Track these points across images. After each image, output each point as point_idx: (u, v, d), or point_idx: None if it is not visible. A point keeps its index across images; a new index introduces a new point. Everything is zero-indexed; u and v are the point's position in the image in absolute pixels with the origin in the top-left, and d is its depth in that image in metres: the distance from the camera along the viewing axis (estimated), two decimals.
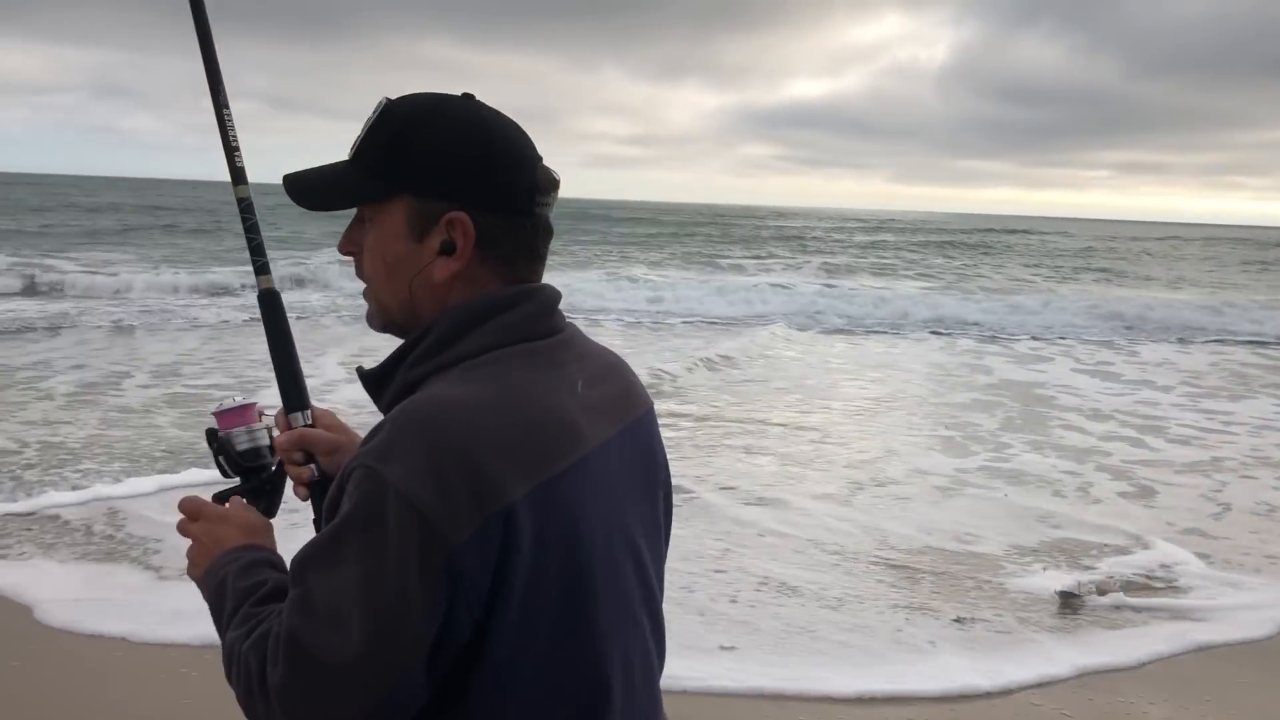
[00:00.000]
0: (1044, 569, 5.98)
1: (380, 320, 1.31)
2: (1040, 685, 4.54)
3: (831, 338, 17.22)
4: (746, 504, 7.04)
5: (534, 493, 1.12)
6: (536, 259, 1.28)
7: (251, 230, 1.49)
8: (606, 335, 16.13)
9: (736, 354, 13.93)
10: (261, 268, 1.49)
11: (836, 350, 15.70)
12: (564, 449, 1.17)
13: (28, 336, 13.25)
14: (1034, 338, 17.92)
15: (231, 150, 1.49)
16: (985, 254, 46.65)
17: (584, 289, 21.00)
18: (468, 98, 1.27)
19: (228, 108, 1.48)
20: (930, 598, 5.51)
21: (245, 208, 1.49)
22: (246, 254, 1.49)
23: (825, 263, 35.20)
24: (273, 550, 1.37)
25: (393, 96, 1.28)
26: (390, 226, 1.25)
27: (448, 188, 1.21)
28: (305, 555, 1.13)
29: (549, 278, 1.32)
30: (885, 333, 18.10)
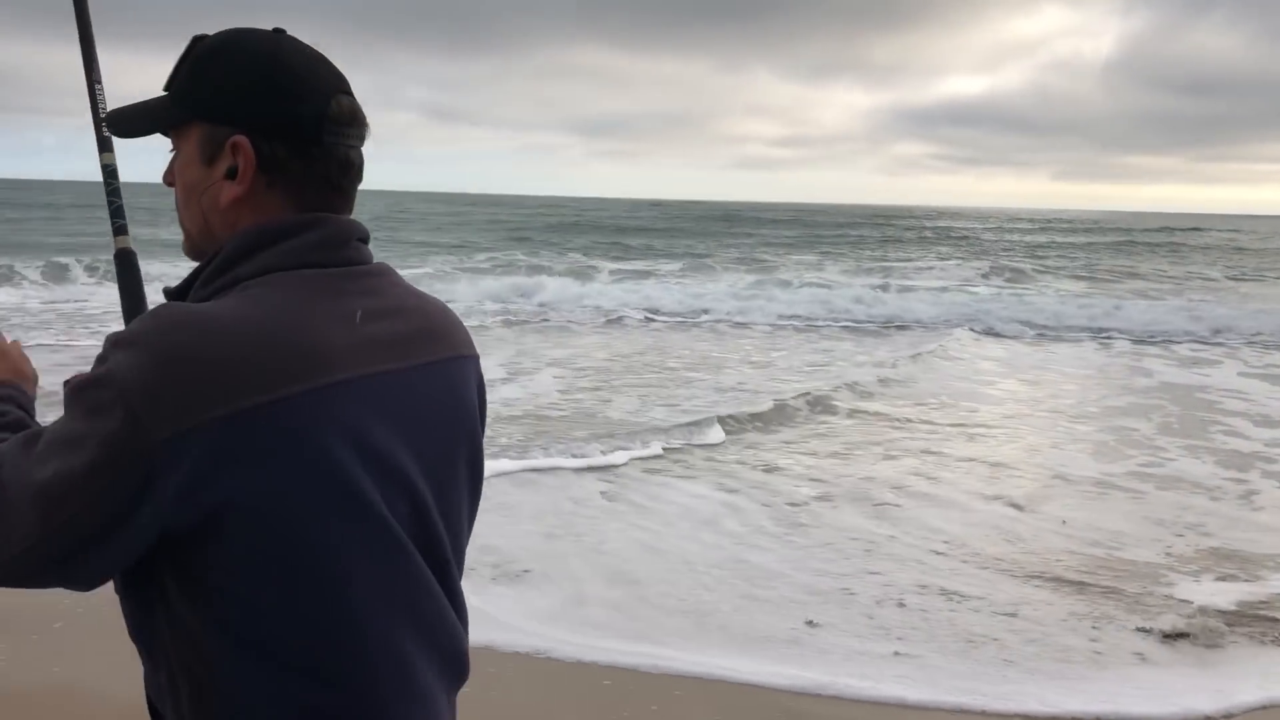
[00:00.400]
0: (1215, 579, 5.51)
1: (187, 246, 1.34)
2: (1266, 708, 4.07)
3: (1002, 341, 16.36)
4: (897, 505, 6.75)
5: (261, 408, 1.10)
6: (331, 190, 1.28)
7: (114, 194, 1.61)
8: (752, 337, 15.75)
9: (898, 358, 13.44)
10: (120, 229, 1.59)
11: (1003, 354, 14.92)
12: (309, 370, 1.15)
13: None
14: (1198, 341, 16.54)
15: (100, 121, 1.60)
16: (1171, 253, 44.15)
17: (739, 292, 20.66)
18: (277, 31, 1.30)
19: (100, 82, 1.62)
20: (1107, 606, 5.09)
21: (110, 173, 1.61)
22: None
23: (995, 263, 33.78)
24: (27, 397, 1.43)
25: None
26: (188, 153, 1.29)
27: (231, 112, 1.24)
28: (63, 397, 1.16)
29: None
30: (1055, 337, 17.06)
